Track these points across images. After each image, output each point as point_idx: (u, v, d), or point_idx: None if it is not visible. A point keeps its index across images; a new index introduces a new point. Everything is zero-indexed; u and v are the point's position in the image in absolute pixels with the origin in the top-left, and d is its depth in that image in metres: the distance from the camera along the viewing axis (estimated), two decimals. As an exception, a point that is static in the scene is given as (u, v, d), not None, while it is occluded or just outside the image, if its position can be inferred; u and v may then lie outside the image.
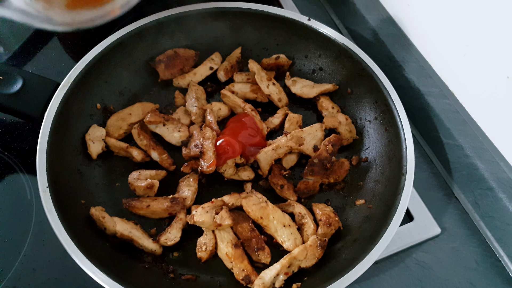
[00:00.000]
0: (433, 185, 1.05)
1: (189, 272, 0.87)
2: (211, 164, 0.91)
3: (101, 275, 0.76)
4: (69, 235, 0.79)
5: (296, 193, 0.96)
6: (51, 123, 0.90)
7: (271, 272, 0.82)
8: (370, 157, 1.01)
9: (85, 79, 0.98)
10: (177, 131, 1.00)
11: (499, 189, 0.94)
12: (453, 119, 1.03)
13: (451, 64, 1.04)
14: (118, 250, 0.87)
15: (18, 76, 0.96)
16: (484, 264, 0.95)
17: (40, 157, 0.86)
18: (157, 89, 1.11)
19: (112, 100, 1.05)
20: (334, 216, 0.90)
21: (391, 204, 0.87)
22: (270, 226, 0.88)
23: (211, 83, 1.12)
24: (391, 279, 0.92)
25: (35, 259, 0.90)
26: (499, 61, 0.90)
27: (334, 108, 1.06)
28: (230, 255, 0.85)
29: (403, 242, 0.94)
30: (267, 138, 1.03)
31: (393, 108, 0.97)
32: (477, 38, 0.94)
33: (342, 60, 1.08)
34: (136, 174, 0.96)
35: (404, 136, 0.94)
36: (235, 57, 1.13)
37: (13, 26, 1.27)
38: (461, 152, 1.01)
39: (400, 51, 1.14)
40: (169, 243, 0.88)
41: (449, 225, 0.99)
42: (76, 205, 0.89)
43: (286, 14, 1.10)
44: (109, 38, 1.03)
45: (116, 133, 1.00)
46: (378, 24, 1.20)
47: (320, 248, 0.84)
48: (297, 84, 1.10)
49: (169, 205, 0.90)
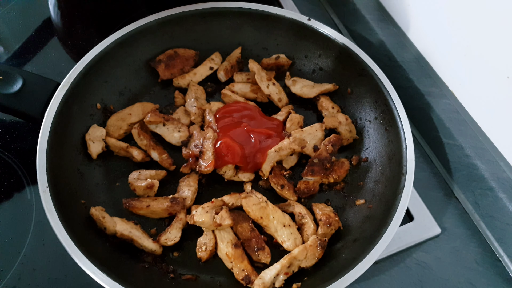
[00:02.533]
0: (433, 185, 1.05)
1: (189, 272, 0.87)
2: (210, 164, 0.91)
3: (101, 275, 0.76)
4: (69, 235, 0.79)
5: (296, 193, 0.96)
6: (51, 123, 0.90)
7: (271, 272, 0.82)
8: (370, 157, 1.01)
9: (85, 79, 0.98)
10: (177, 131, 1.00)
11: (499, 189, 0.94)
12: (453, 119, 1.03)
13: (451, 64, 1.04)
14: (118, 250, 0.87)
15: (18, 76, 0.96)
16: (484, 264, 0.94)
17: (40, 157, 0.86)
18: (157, 89, 1.11)
19: (112, 100, 1.05)
20: (334, 216, 0.90)
21: (391, 204, 0.87)
22: (270, 226, 0.88)
23: (211, 83, 1.12)
24: (391, 279, 0.92)
25: (35, 259, 0.90)
26: (499, 61, 0.90)
27: (334, 108, 1.06)
28: (230, 255, 0.85)
29: (403, 242, 0.94)
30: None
31: (393, 108, 0.97)
32: (477, 38, 0.94)
33: (342, 60, 1.08)
34: (136, 174, 0.96)
35: (404, 136, 0.93)
36: (235, 57, 1.13)
37: (13, 26, 1.27)
38: (461, 152, 1.01)
39: (400, 51, 1.14)
40: (169, 243, 0.88)
41: (449, 225, 0.99)
42: (76, 205, 0.89)
43: (286, 14, 1.10)
44: (109, 38, 1.03)
45: (116, 133, 1.00)
46: (378, 24, 1.20)
47: (320, 248, 0.84)
48: (297, 84, 1.10)
49: (169, 205, 0.90)
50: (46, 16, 1.29)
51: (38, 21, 1.28)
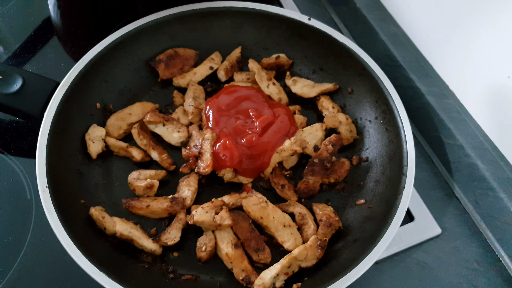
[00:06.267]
0: (434, 185, 1.05)
1: (189, 272, 0.87)
2: (208, 165, 0.91)
3: (101, 275, 0.76)
4: (68, 235, 0.79)
5: (296, 193, 0.96)
6: (51, 122, 0.90)
7: (271, 272, 0.81)
8: (370, 157, 1.00)
9: (84, 78, 0.98)
10: (177, 131, 1.00)
11: (500, 189, 0.94)
12: (454, 118, 1.03)
13: (452, 64, 1.04)
14: (117, 250, 0.87)
15: (18, 75, 0.96)
16: (484, 264, 0.94)
17: (40, 157, 0.86)
18: (157, 89, 1.11)
19: (112, 99, 1.05)
20: (335, 216, 0.90)
21: (391, 204, 0.86)
22: (270, 226, 0.88)
23: (211, 82, 1.12)
24: (392, 279, 0.92)
25: (35, 259, 0.90)
26: (499, 60, 0.90)
27: (334, 108, 1.06)
28: (230, 255, 0.85)
29: (404, 242, 0.94)
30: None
31: (394, 108, 0.97)
32: (477, 38, 0.94)
33: (343, 60, 1.08)
34: (136, 174, 0.95)
35: (405, 136, 0.93)
36: (235, 57, 1.13)
37: (13, 26, 1.27)
38: (462, 152, 1.00)
39: (401, 51, 1.14)
40: (169, 243, 0.88)
41: (449, 225, 0.99)
42: (75, 205, 0.88)
43: (287, 13, 1.10)
44: (109, 37, 1.03)
45: (116, 132, 1.00)
46: (378, 24, 1.20)
47: (320, 248, 0.84)
48: (298, 83, 1.09)
49: (169, 205, 0.90)
50: (46, 16, 1.29)
51: (38, 21, 1.28)
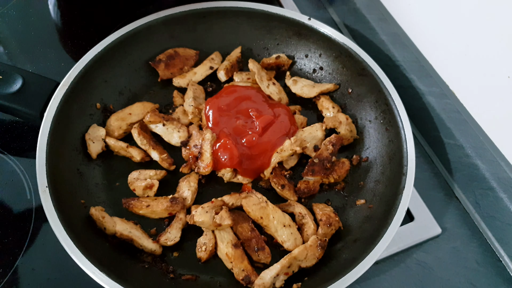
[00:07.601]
0: (434, 185, 1.05)
1: (189, 272, 0.87)
2: (208, 165, 0.91)
3: (101, 275, 0.76)
4: (68, 235, 0.79)
5: (296, 193, 0.96)
6: (51, 122, 0.90)
7: (271, 272, 0.81)
8: (370, 157, 1.00)
9: (84, 78, 0.98)
10: (177, 131, 1.00)
11: (500, 189, 0.94)
12: (454, 118, 1.03)
13: (452, 64, 1.04)
14: (117, 250, 0.87)
15: (18, 75, 0.96)
16: (485, 264, 0.94)
17: (40, 157, 0.86)
18: (157, 89, 1.11)
19: (112, 99, 1.05)
20: (335, 216, 0.90)
21: (391, 204, 0.86)
22: (270, 226, 0.88)
23: (211, 82, 1.12)
24: (392, 279, 0.92)
25: (35, 259, 0.90)
26: (500, 60, 0.90)
27: (334, 107, 1.06)
28: (230, 255, 0.85)
29: (404, 242, 0.94)
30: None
31: (394, 108, 0.97)
32: (477, 38, 0.94)
33: (343, 60, 1.08)
34: (136, 174, 0.95)
35: (405, 136, 0.93)
36: (235, 57, 1.13)
37: (13, 26, 1.27)
38: (462, 152, 1.00)
39: (401, 51, 1.14)
40: (169, 243, 0.88)
41: (449, 225, 0.98)
42: (75, 205, 0.88)
43: (287, 13, 1.10)
44: (108, 37, 1.03)
45: (116, 132, 1.00)
46: (378, 24, 1.20)
47: (320, 248, 0.84)
48: (298, 83, 1.09)
49: (169, 205, 0.90)
50: (46, 16, 1.29)
51: (38, 21, 1.28)
